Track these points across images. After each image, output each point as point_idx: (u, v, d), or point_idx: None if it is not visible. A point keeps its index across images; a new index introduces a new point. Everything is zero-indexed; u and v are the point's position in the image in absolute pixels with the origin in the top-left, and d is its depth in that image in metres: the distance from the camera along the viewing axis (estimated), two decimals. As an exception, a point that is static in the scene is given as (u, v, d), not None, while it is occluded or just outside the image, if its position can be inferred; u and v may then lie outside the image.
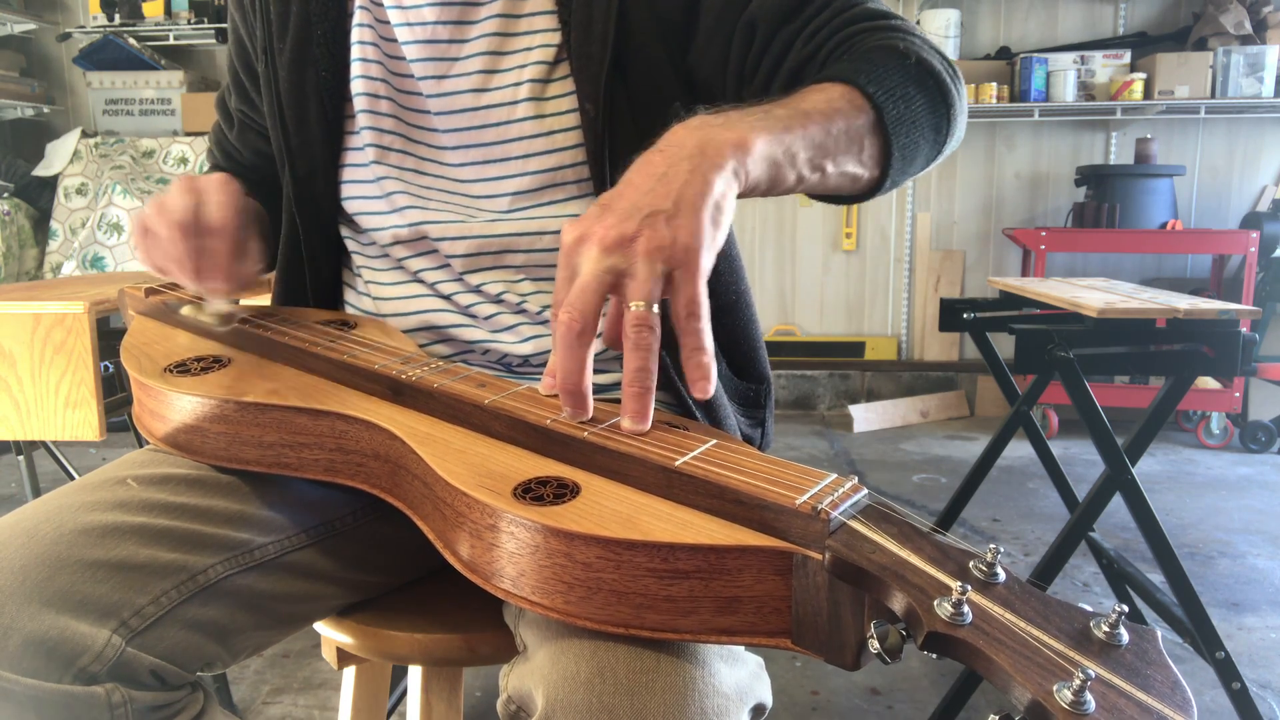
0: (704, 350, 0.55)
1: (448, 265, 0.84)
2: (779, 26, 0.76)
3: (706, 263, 0.56)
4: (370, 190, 0.85)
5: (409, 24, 0.82)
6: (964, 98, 0.75)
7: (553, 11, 0.80)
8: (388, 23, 0.83)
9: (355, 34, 0.84)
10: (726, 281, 0.85)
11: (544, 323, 0.83)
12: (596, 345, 0.58)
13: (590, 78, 0.77)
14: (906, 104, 0.69)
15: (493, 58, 0.81)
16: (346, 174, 0.86)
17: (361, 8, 0.84)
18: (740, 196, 0.60)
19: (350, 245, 0.90)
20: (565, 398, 0.59)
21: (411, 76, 0.83)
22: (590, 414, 0.60)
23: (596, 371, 0.64)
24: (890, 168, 0.69)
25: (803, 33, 0.76)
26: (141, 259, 0.79)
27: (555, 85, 0.81)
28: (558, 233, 0.81)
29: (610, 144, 0.78)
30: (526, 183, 0.82)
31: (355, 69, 0.84)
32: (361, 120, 0.84)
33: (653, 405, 0.58)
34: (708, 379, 0.56)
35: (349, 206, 0.87)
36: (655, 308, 0.55)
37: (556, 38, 0.80)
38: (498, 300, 0.83)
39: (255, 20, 0.87)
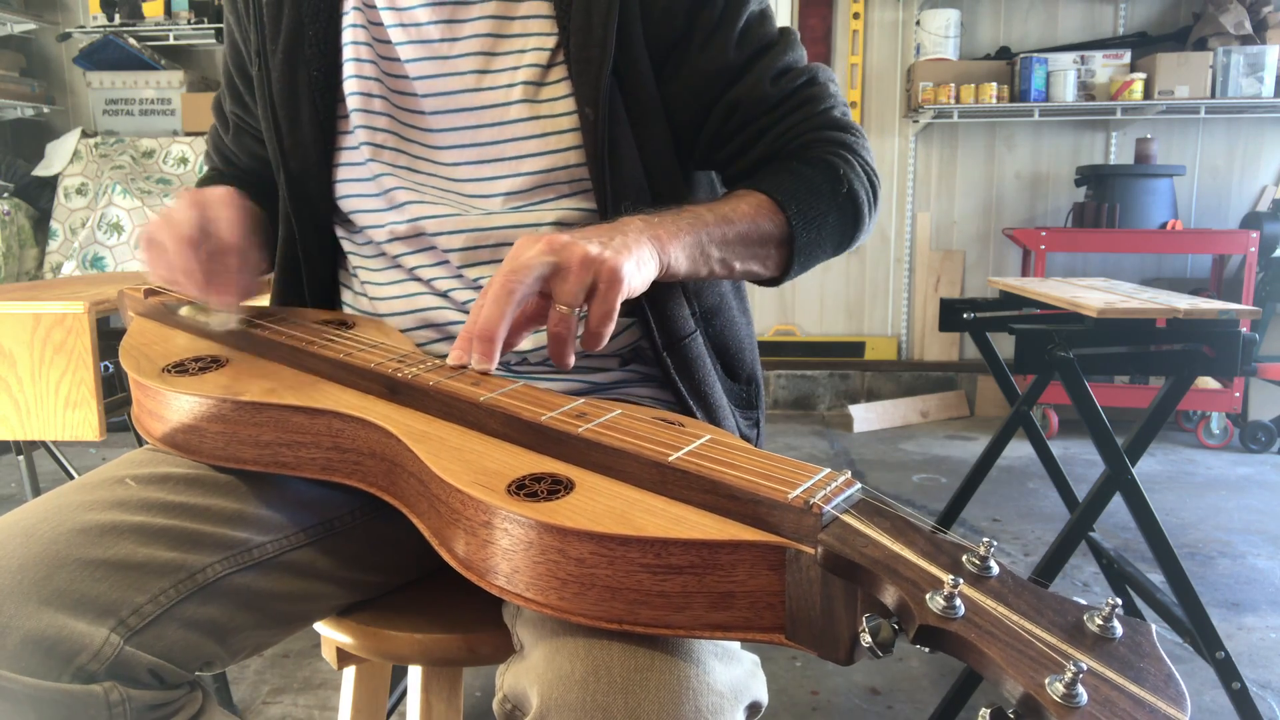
0: (601, 342, 0.67)
1: (445, 261, 0.84)
2: (758, 116, 0.84)
3: (625, 288, 0.66)
4: (368, 188, 0.85)
5: (402, 25, 0.83)
6: (877, 214, 0.88)
7: (549, 16, 0.81)
8: (381, 24, 0.84)
9: (348, 34, 0.85)
10: (708, 285, 0.87)
11: None
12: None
13: (590, 81, 0.78)
14: (819, 230, 0.81)
15: (485, 58, 0.82)
16: (341, 173, 0.87)
17: (355, 9, 0.85)
18: (660, 278, 0.72)
19: (346, 245, 0.90)
20: (479, 343, 0.65)
21: (406, 77, 0.84)
22: (494, 367, 0.66)
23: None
24: (788, 275, 0.83)
25: (775, 128, 0.84)
26: (148, 270, 0.79)
27: (550, 87, 0.81)
28: (554, 225, 0.82)
29: (610, 147, 0.79)
30: (521, 182, 0.82)
31: (348, 69, 0.84)
32: (355, 119, 0.84)
33: (571, 359, 0.67)
34: (594, 348, 0.68)
35: (344, 205, 0.87)
36: (576, 312, 0.66)
37: (551, 41, 0.81)
38: None
39: (249, 24, 0.88)
